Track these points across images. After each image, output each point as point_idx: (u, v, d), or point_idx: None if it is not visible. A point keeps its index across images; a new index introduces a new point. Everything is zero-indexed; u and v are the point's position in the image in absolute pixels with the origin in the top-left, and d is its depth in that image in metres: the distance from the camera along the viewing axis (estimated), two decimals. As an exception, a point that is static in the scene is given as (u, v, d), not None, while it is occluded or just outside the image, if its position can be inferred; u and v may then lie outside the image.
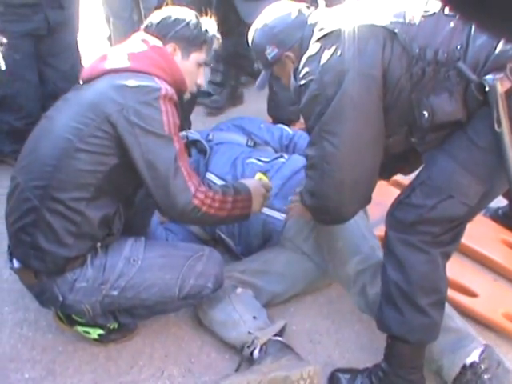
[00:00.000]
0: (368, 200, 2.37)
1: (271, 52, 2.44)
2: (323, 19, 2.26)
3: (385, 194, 3.34)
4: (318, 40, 2.17)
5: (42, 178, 2.21)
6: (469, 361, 2.32)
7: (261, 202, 2.54)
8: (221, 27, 2.70)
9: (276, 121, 3.85)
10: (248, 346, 2.47)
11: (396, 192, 3.42)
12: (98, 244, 2.31)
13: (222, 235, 3.02)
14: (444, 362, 2.37)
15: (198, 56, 2.48)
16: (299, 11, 2.41)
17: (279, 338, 2.51)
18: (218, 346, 2.63)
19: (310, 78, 2.16)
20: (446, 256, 2.24)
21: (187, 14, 2.48)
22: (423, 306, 2.20)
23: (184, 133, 3.25)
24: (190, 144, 3.24)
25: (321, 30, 2.19)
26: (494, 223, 3.25)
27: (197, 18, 2.49)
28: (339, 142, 2.13)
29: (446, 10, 2.05)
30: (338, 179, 2.19)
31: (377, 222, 2.92)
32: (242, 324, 2.54)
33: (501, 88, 1.91)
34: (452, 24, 2.03)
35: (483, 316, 2.72)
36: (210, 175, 3.07)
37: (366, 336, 2.73)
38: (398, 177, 3.55)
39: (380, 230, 2.88)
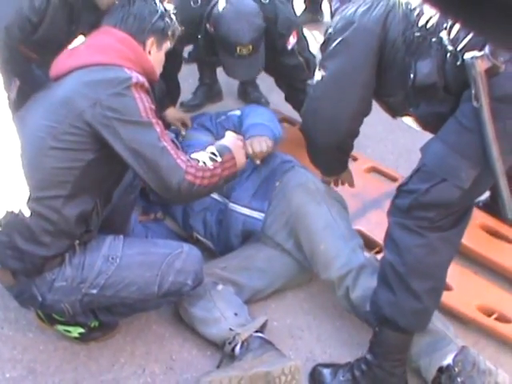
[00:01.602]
0: (343, 144, 2.63)
1: (334, 5, 2.72)
2: None
3: (362, 183, 3.36)
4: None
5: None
6: (444, 364, 2.34)
7: (242, 153, 2.51)
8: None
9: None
10: (229, 343, 2.47)
11: (374, 180, 3.49)
12: (76, 242, 2.30)
13: (200, 237, 3.00)
14: (421, 364, 2.41)
15: (167, 45, 2.50)
16: None
17: (260, 334, 2.52)
18: (199, 343, 2.63)
19: (333, 24, 2.48)
20: (448, 243, 2.25)
21: (154, 5, 2.45)
22: (417, 289, 2.23)
23: None
24: None
25: None
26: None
27: (162, 7, 2.48)
28: (327, 76, 2.45)
29: None
30: (316, 106, 2.55)
31: (354, 216, 2.93)
32: (223, 321, 2.54)
33: (480, 66, 1.98)
34: None
35: (456, 309, 2.70)
36: None
37: (348, 331, 2.74)
38: (376, 163, 3.59)
39: (363, 220, 2.90)
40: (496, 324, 2.68)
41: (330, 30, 2.46)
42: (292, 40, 3.39)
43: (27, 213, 2.18)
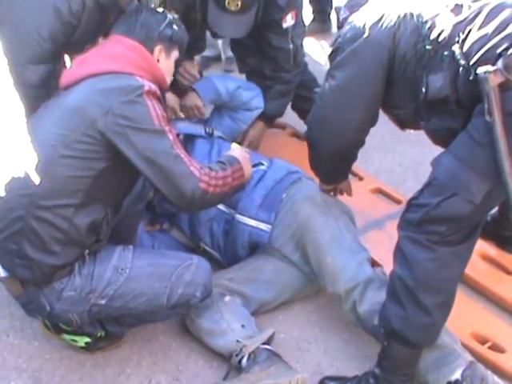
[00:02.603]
0: (347, 154, 2.65)
1: (342, 14, 2.79)
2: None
3: (366, 203, 3.37)
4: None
5: (28, 187, 2.19)
6: (452, 378, 2.32)
7: (250, 167, 2.53)
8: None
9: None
10: (236, 355, 2.46)
11: (378, 200, 3.48)
12: (86, 251, 2.29)
13: (207, 248, 2.99)
14: (429, 378, 2.39)
15: (176, 54, 2.49)
16: None
17: (267, 347, 2.50)
18: (205, 354, 2.62)
19: (342, 34, 2.49)
20: (459, 257, 2.24)
21: (163, 13, 2.49)
22: (427, 304, 2.22)
23: None
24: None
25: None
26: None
27: (170, 15, 2.50)
28: (334, 86, 2.46)
29: (465, 4, 2.21)
30: (322, 115, 2.55)
31: (358, 232, 2.91)
32: (230, 332, 2.53)
33: (493, 81, 1.96)
34: (465, 15, 2.17)
35: None
36: None
37: (355, 344, 2.72)
38: (381, 184, 3.58)
39: (363, 239, 2.89)
40: (489, 353, 2.63)
41: (340, 40, 2.46)
42: (289, 20, 3.34)
43: (37, 221, 2.18)
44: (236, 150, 2.56)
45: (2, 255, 2.29)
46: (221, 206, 2.92)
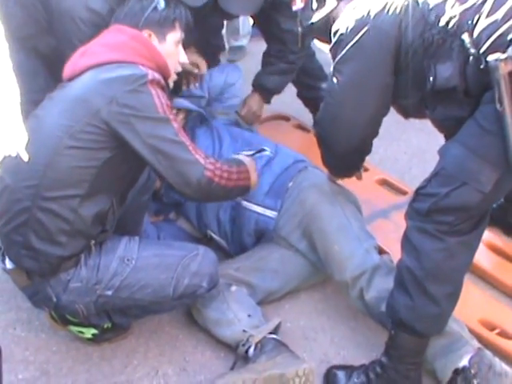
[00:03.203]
0: (362, 149, 2.61)
1: None
2: None
3: (372, 193, 3.37)
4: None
5: (33, 178, 2.19)
6: (460, 365, 2.31)
7: (256, 174, 2.53)
8: None
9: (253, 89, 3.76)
10: (243, 345, 2.46)
11: (384, 191, 3.48)
12: (92, 242, 2.29)
13: (214, 235, 2.99)
14: (436, 366, 2.38)
15: (173, 36, 2.46)
16: None
17: (274, 336, 2.50)
18: (212, 345, 2.62)
19: (342, 25, 2.41)
20: (467, 246, 2.22)
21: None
22: (434, 294, 2.21)
23: None
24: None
25: None
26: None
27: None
28: (343, 81, 2.40)
29: None
30: (334, 112, 2.49)
31: (365, 221, 2.90)
32: (237, 322, 2.53)
33: (504, 68, 1.93)
34: (471, 2, 2.13)
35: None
36: None
37: (362, 333, 2.72)
38: (386, 175, 3.57)
39: (369, 228, 2.88)
40: (497, 339, 2.63)
41: (342, 32, 2.41)
42: (299, 2, 3.31)
43: (42, 212, 2.18)
44: (244, 157, 2.55)
45: (9, 247, 2.30)
46: None
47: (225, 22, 4.42)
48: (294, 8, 3.31)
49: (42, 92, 2.48)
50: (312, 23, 2.89)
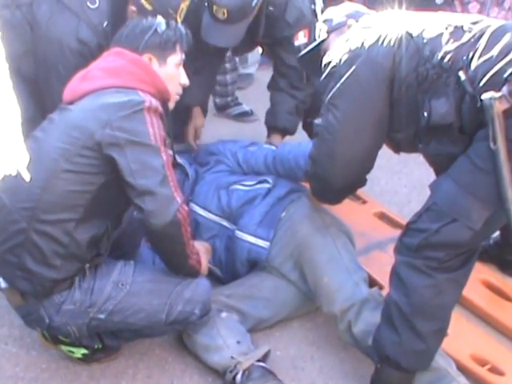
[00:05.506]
0: (358, 182, 2.62)
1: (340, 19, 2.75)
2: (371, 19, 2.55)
3: (369, 225, 3.37)
4: (357, 31, 2.43)
5: (30, 200, 2.20)
6: None
7: (206, 263, 2.58)
8: None
9: (272, 130, 3.79)
10: (230, 371, 2.47)
11: (381, 224, 3.48)
12: (87, 265, 2.31)
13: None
14: None
15: (174, 58, 2.47)
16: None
17: (262, 364, 2.51)
18: (201, 369, 2.62)
19: (335, 57, 2.40)
20: (456, 283, 2.23)
21: (152, 20, 2.48)
22: (421, 330, 2.22)
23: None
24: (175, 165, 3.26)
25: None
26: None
27: (162, 20, 2.49)
28: (341, 116, 2.35)
29: (465, 27, 2.19)
30: (333, 150, 2.42)
31: (357, 253, 2.92)
32: (226, 348, 2.53)
33: (498, 107, 1.95)
34: (466, 38, 2.15)
35: (449, 355, 2.56)
36: (193, 205, 3.06)
37: (351, 363, 2.72)
38: (385, 209, 3.58)
39: (365, 259, 2.89)
40: (488, 375, 2.61)
41: (335, 63, 2.39)
42: (301, 37, 3.34)
43: (38, 235, 2.20)
44: (199, 245, 2.55)
45: (3, 267, 2.30)
46: (223, 222, 2.97)
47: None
48: (297, 43, 3.34)
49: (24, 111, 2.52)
50: (302, 55, 2.91)
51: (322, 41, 2.81)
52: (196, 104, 3.72)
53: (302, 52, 2.94)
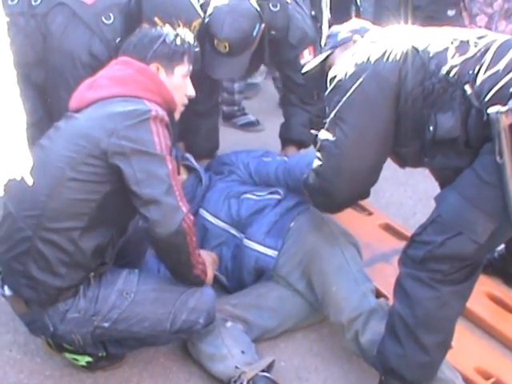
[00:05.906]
0: (362, 195, 2.59)
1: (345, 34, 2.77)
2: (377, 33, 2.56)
3: (374, 237, 3.36)
4: (363, 46, 2.43)
5: (35, 208, 2.21)
6: None
7: (212, 273, 2.57)
8: None
9: (287, 142, 3.80)
10: (234, 381, 2.46)
11: (386, 235, 3.47)
12: (91, 274, 2.31)
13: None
14: None
15: (181, 69, 2.48)
16: None
17: (266, 374, 2.50)
18: (205, 379, 2.62)
19: (340, 71, 2.39)
20: (460, 296, 2.23)
21: (161, 30, 2.50)
22: (425, 343, 2.21)
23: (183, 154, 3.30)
24: (190, 169, 3.27)
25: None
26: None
27: (171, 31, 2.50)
28: (349, 130, 2.33)
29: (471, 41, 2.19)
30: (340, 164, 2.39)
31: (365, 263, 2.92)
32: (230, 358, 2.53)
33: (505, 121, 1.94)
34: (472, 52, 2.15)
35: (454, 368, 2.56)
36: (202, 211, 3.07)
37: (355, 375, 2.71)
38: (390, 220, 3.58)
39: (369, 271, 2.89)
40: None
41: (341, 78, 2.38)
42: (307, 55, 3.34)
43: (43, 243, 2.20)
44: (205, 255, 2.53)
45: (8, 274, 2.31)
46: (232, 230, 2.98)
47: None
48: (303, 62, 3.33)
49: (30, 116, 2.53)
50: (307, 71, 2.92)
51: (328, 56, 2.82)
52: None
53: (307, 68, 2.94)
